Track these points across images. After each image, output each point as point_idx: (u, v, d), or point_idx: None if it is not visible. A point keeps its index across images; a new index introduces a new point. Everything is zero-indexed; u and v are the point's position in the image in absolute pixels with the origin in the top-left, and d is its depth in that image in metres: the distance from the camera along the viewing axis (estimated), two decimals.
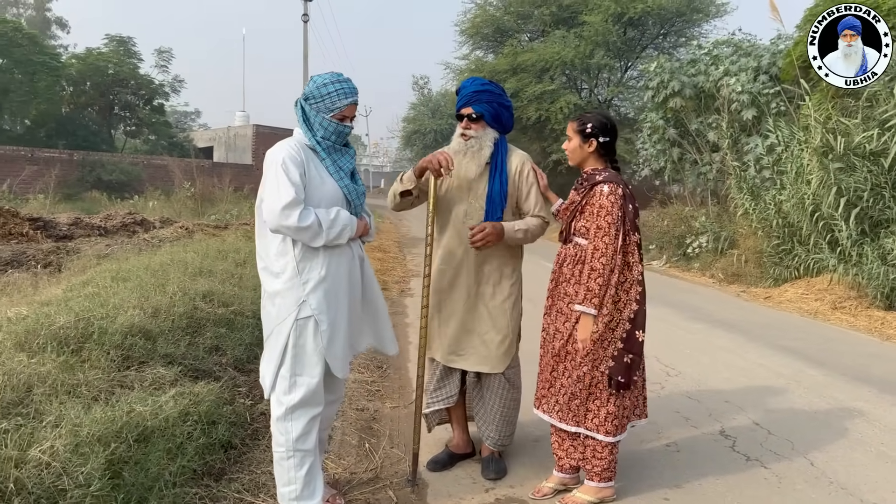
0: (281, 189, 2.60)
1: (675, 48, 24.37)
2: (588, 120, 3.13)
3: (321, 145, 2.78)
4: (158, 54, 40.93)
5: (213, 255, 7.24)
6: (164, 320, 4.40)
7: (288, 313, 2.69)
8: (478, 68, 25.27)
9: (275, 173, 2.65)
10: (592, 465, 3.09)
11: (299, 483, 2.75)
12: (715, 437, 3.98)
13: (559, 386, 3.09)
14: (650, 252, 14.66)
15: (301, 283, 2.68)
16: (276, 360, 2.71)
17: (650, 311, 3.17)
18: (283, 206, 2.57)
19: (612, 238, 2.95)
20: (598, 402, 3.02)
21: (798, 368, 5.47)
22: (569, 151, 3.19)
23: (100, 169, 30.44)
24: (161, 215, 14.92)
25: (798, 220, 9.63)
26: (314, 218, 2.62)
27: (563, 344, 3.07)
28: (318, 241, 2.65)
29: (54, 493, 2.19)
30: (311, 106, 2.76)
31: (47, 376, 2.97)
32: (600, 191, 3.02)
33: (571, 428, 3.05)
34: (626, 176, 24.20)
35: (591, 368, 3.00)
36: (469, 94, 3.31)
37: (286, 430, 2.72)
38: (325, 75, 2.78)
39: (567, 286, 3.10)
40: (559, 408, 3.08)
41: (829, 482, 3.38)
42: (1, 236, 9.30)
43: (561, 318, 3.11)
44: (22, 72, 32.53)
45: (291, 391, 2.71)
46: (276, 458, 2.78)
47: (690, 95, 14.22)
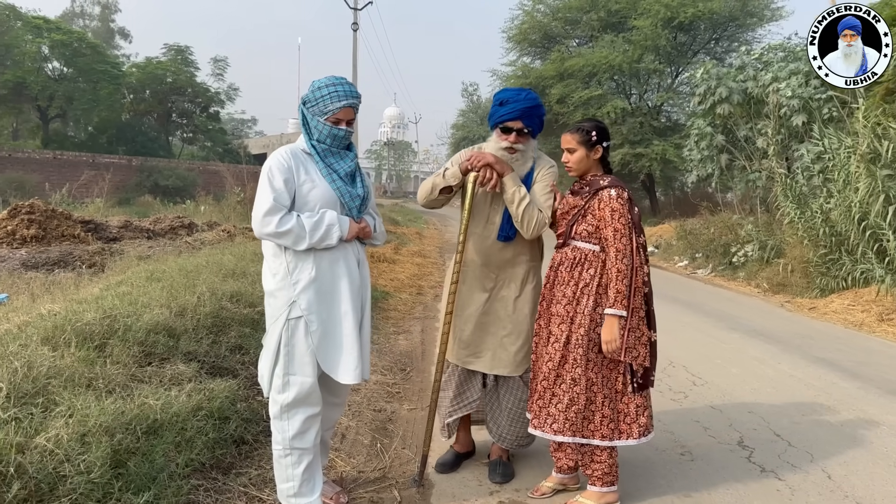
0: (261, 197, 2.71)
1: (727, 53, 23.88)
2: (590, 128, 3.14)
3: (316, 149, 2.83)
4: (214, 63, 42.08)
5: (248, 257, 7.41)
6: (189, 319, 4.53)
7: (280, 313, 2.76)
8: (525, 74, 25.27)
9: (261, 182, 2.75)
10: (593, 469, 3.08)
11: (297, 480, 2.81)
12: (732, 448, 3.90)
13: (550, 396, 3.06)
14: (696, 260, 14.39)
15: (291, 283, 2.74)
16: (271, 359, 2.78)
17: (687, 321, 3.18)
18: (262, 213, 2.68)
19: (629, 239, 2.98)
20: (594, 407, 3.01)
21: (830, 381, 5.31)
22: (573, 163, 3.17)
23: (157, 174, 31.46)
24: (210, 219, 15.33)
25: (845, 229, 9.34)
26: (294, 223, 2.68)
27: (561, 348, 3.05)
28: (301, 245, 2.71)
29: (55, 479, 2.29)
30: (308, 109, 2.81)
31: (66, 369, 3.10)
32: (608, 195, 3.03)
33: (568, 439, 3.01)
34: (676, 183, 23.82)
35: (585, 371, 2.98)
36: (522, 109, 3.20)
37: (282, 429, 2.79)
38: (323, 79, 2.82)
39: (565, 288, 3.09)
40: (552, 420, 3.03)
41: (845, 496, 3.28)
42: (54, 238, 9.71)
43: (556, 321, 3.09)
44: (85, 80, 33.90)
45: (285, 390, 2.77)
46: (274, 456, 2.85)
47: (739, 101, 13.94)
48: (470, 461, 3.65)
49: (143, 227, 11.97)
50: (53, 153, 29.59)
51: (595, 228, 3.07)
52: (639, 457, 3.72)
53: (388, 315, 7.47)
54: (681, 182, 23.90)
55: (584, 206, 3.10)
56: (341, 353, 2.82)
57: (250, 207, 10.03)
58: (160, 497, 2.64)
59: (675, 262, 15.10)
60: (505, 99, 3.25)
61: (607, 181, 3.08)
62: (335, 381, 2.89)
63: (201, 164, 36.64)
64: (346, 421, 4.17)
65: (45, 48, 33.25)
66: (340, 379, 2.81)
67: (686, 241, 15.38)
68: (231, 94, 43.37)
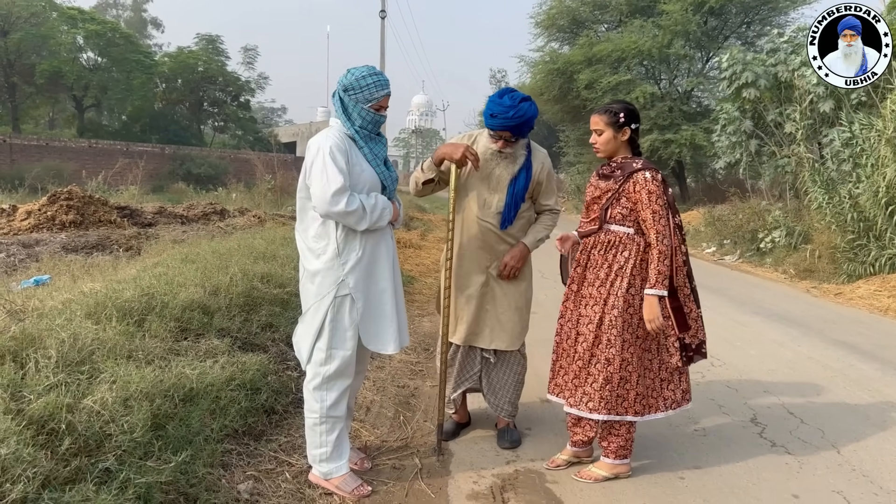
0: (329, 176, 2.81)
1: (758, 37, 23.52)
2: (619, 110, 3.18)
3: (359, 134, 2.97)
4: (245, 52, 42.50)
5: (278, 241, 7.62)
6: (222, 298, 4.73)
7: (327, 291, 2.92)
8: (553, 60, 25.16)
9: (322, 161, 2.84)
10: (609, 441, 3.21)
11: (329, 446, 3.01)
12: (745, 424, 4.00)
13: (586, 375, 3.16)
14: (724, 247, 14.34)
15: (341, 263, 2.91)
16: (313, 334, 2.95)
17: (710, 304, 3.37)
18: (332, 192, 2.79)
19: (667, 220, 3.05)
20: (629, 386, 3.11)
21: (848, 363, 5.36)
22: (600, 144, 3.23)
23: (189, 163, 31.97)
24: (241, 206, 15.63)
25: (873, 215, 9.28)
26: (359, 203, 2.84)
27: (595, 329, 3.14)
28: (362, 225, 2.87)
29: (102, 437, 2.49)
30: (350, 97, 2.95)
31: (108, 341, 3.31)
32: (643, 177, 3.09)
33: (603, 417, 3.11)
34: (707, 170, 23.56)
35: (620, 351, 3.08)
36: (510, 126, 3.33)
37: (321, 399, 2.97)
38: (362, 68, 2.97)
39: (598, 271, 3.17)
40: (588, 398, 3.14)
41: (852, 469, 3.37)
42: (91, 223, 10.03)
43: (589, 303, 3.18)
44: (119, 70, 34.49)
45: (328, 363, 2.95)
46: (308, 424, 3.04)
47: (766, 86, 13.80)
48: (488, 433, 3.80)
49: (176, 213, 12.28)
50: (89, 142, 30.24)
51: (629, 211, 3.13)
52: (653, 431, 3.84)
53: (413, 298, 7.64)
54: (711, 169, 23.67)
55: (618, 189, 3.15)
56: (383, 326, 3.01)
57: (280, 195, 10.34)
58: (196, 458, 2.84)
59: (703, 249, 15.05)
60: (494, 113, 3.34)
61: (640, 163, 3.14)
62: (360, 352, 3.07)
63: (232, 152, 37.17)
64: (371, 395, 4.35)
65: (79, 38, 33.93)
66: (386, 350, 3.02)
67: (714, 228, 15.32)
68: (261, 83, 43.90)
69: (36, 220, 9.78)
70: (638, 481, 3.23)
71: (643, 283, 3.09)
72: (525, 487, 3.17)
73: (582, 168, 29.20)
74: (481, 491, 3.13)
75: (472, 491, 3.13)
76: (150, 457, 2.60)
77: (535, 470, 3.36)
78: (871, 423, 4.03)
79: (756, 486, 3.19)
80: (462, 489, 3.15)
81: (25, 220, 9.82)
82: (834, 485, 3.20)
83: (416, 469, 3.33)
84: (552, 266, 3.72)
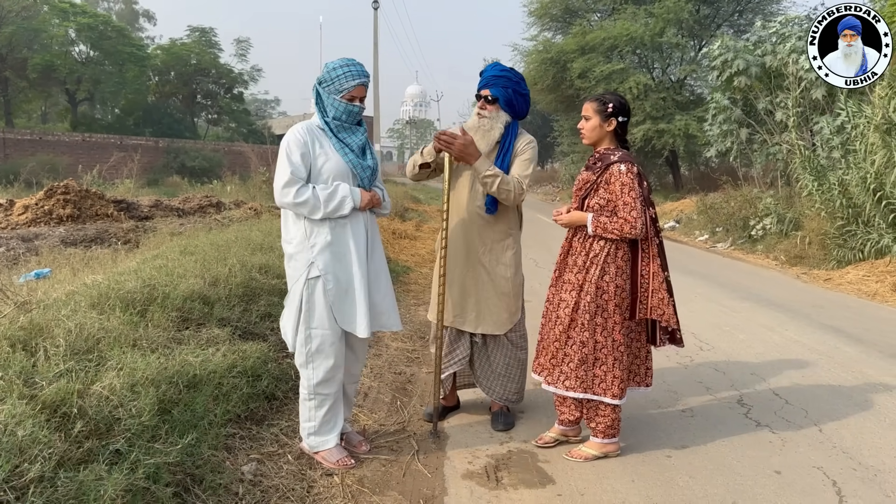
0: (280, 170, 3.01)
1: (750, 25, 23.56)
2: (609, 100, 3.31)
3: (329, 125, 3.11)
4: (237, 44, 42.36)
5: (275, 233, 7.70)
6: (222, 288, 4.84)
7: (300, 274, 3.08)
8: (546, 49, 25.22)
9: (282, 155, 3.04)
10: (596, 423, 3.33)
11: (317, 421, 3.19)
12: (731, 406, 4.13)
13: (562, 356, 3.31)
14: (716, 234, 14.48)
15: (309, 246, 3.06)
16: (294, 316, 3.11)
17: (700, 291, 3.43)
18: (281, 185, 2.99)
19: (640, 212, 3.17)
20: (605, 368, 3.24)
21: (834, 345, 5.50)
22: (586, 131, 3.37)
23: (183, 155, 31.97)
24: (237, 198, 15.70)
25: (862, 201, 9.42)
26: (309, 194, 2.98)
27: (571, 313, 3.29)
28: (316, 214, 3.01)
29: (111, 421, 2.60)
30: (323, 89, 3.10)
31: (112, 330, 3.42)
32: (618, 170, 3.22)
33: (579, 395, 3.26)
34: (700, 158, 23.71)
35: (593, 334, 3.23)
36: (489, 77, 3.62)
37: (308, 376, 3.14)
38: (338, 60, 3.11)
39: (577, 258, 3.33)
40: (565, 377, 3.29)
41: (833, 446, 3.50)
42: (89, 217, 10.12)
43: (567, 287, 3.34)
44: (112, 63, 34.40)
45: (308, 343, 3.11)
46: (300, 398, 3.23)
47: (757, 75, 13.90)
48: (482, 417, 3.92)
49: (173, 206, 12.37)
50: (83, 135, 30.20)
51: (606, 202, 3.26)
52: (642, 413, 3.97)
53: (409, 288, 7.76)
54: (704, 157, 23.84)
55: (596, 180, 3.30)
56: (353, 309, 3.12)
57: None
58: (201, 441, 2.96)
59: (696, 237, 15.20)
60: (481, 71, 3.67)
61: (618, 156, 3.26)
62: (354, 337, 3.22)
63: (226, 144, 37.14)
64: (369, 381, 4.47)
65: (71, 32, 33.79)
66: (357, 333, 3.12)
67: (706, 216, 15.46)
68: (254, 75, 43.80)
69: (33, 214, 9.86)
70: (627, 460, 3.36)
71: (616, 270, 3.24)
72: (518, 466, 3.29)
73: (576, 158, 29.31)
74: (476, 470, 3.25)
75: (466, 470, 3.25)
76: (158, 439, 2.71)
77: (528, 450, 3.48)
78: (853, 402, 4.17)
79: (740, 463, 3.32)
80: (457, 468, 3.27)
81: (23, 215, 9.90)
82: (815, 461, 3.33)
83: (413, 451, 3.45)
84: (547, 256, 3.84)
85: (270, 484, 2.99)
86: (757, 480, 3.13)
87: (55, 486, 2.14)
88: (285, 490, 2.95)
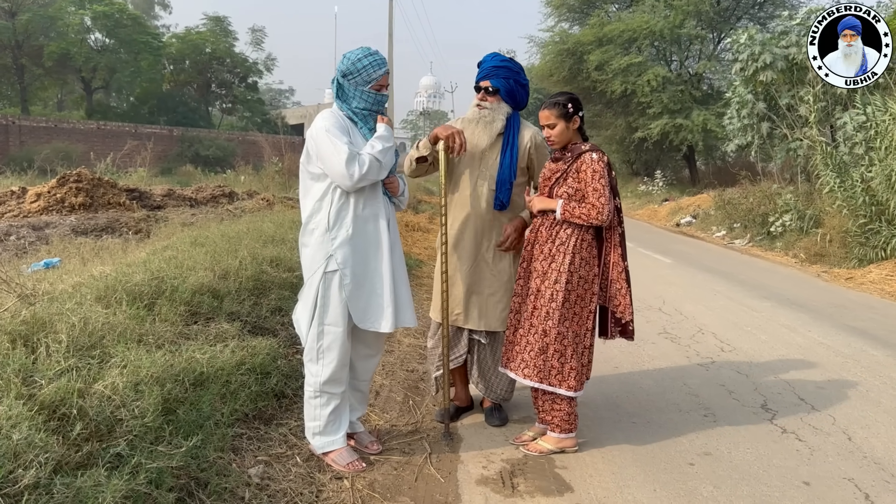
0: (337, 150, 2.86)
1: (771, 18, 23.21)
2: (565, 101, 3.32)
3: (357, 115, 3.04)
4: (252, 33, 42.31)
5: (287, 224, 7.63)
6: (232, 282, 4.74)
7: (318, 266, 2.98)
8: (563, 40, 24.97)
9: (326, 140, 2.90)
10: (552, 416, 3.33)
11: (322, 420, 3.08)
12: (755, 411, 3.99)
13: (524, 344, 3.28)
14: (734, 231, 14.26)
15: (330, 238, 2.96)
16: (310, 310, 3.01)
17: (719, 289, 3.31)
18: (344, 164, 2.84)
19: (608, 199, 3.18)
20: (563, 359, 3.21)
21: (859, 348, 5.32)
22: (555, 136, 3.33)
23: (197, 144, 32.00)
24: (249, 188, 15.64)
25: (886, 199, 9.19)
26: (368, 158, 2.89)
27: (534, 300, 3.27)
28: (384, 172, 2.98)
29: (113, 421, 2.50)
30: (349, 81, 3.01)
31: (118, 325, 3.32)
32: (590, 158, 3.23)
33: (534, 384, 3.24)
34: (717, 153, 23.39)
35: (557, 324, 3.18)
36: (488, 68, 3.54)
37: (315, 373, 3.04)
38: (358, 51, 3.03)
39: (543, 246, 3.30)
40: (524, 365, 3.27)
41: (864, 456, 3.35)
42: (101, 205, 10.06)
43: (534, 276, 3.31)
44: (127, 52, 34.44)
45: (320, 338, 3.00)
46: (306, 397, 3.12)
47: (782, 68, 13.62)
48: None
49: (185, 195, 12.30)
50: (97, 124, 30.27)
51: (575, 191, 3.26)
52: (662, 417, 3.84)
53: (421, 282, 7.64)
54: (721, 152, 23.51)
55: (566, 169, 3.29)
56: (375, 304, 3.02)
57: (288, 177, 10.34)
58: (207, 442, 2.85)
59: (713, 233, 14.99)
60: (480, 62, 3.59)
61: (588, 146, 3.29)
62: (369, 334, 3.12)
63: (240, 134, 37.13)
64: (380, 379, 4.36)
65: (87, 20, 33.84)
66: (379, 329, 3.03)
67: (724, 211, 15.23)
68: (269, 65, 43.76)
69: (45, 202, 9.81)
70: (647, 467, 3.23)
71: (581, 261, 3.22)
72: (534, 473, 3.17)
73: None
74: (490, 476, 3.13)
75: (481, 476, 3.13)
76: (161, 441, 2.60)
77: (545, 456, 3.36)
78: (883, 409, 4.01)
79: (767, 472, 3.18)
80: (471, 474, 3.15)
81: (35, 203, 9.85)
82: (845, 472, 3.18)
83: (426, 454, 3.33)
84: None
85: (278, 488, 2.87)
86: (785, 492, 2.99)
87: (51, 494, 2.04)
88: (293, 495, 2.84)
